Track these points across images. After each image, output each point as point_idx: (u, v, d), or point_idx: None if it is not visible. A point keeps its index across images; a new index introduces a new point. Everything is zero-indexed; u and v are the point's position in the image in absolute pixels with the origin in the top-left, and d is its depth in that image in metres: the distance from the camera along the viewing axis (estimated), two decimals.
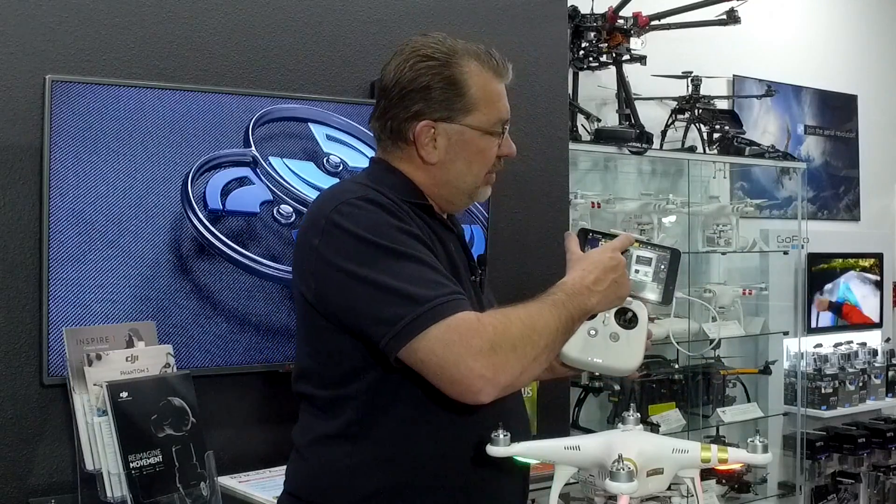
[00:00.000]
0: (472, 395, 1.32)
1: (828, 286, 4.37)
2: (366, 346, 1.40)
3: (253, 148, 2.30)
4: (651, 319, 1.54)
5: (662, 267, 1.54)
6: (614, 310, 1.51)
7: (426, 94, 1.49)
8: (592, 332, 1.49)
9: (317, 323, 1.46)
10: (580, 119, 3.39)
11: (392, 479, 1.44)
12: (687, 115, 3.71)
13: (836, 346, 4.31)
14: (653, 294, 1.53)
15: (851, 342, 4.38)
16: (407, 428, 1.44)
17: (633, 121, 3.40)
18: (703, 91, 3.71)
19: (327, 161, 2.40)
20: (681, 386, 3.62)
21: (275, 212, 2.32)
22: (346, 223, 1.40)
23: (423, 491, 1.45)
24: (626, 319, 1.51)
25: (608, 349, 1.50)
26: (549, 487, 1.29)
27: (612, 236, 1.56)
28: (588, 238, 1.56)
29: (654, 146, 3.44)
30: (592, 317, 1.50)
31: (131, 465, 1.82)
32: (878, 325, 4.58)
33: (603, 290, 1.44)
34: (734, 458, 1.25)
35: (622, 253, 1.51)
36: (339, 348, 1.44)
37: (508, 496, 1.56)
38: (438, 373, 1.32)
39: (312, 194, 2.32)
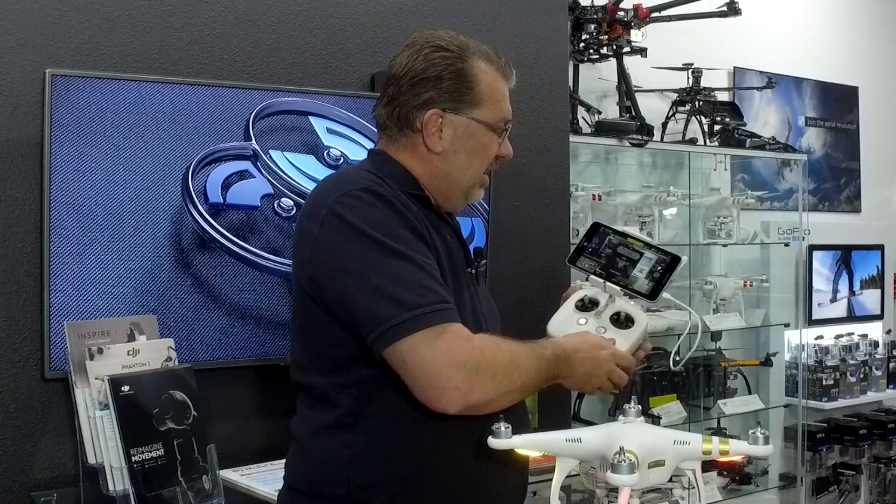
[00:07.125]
0: (442, 404, 1.35)
1: None
2: (356, 337, 1.42)
3: (253, 141, 2.29)
4: (655, 310, 1.59)
5: (660, 268, 1.63)
6: (610, 310, 1.59)
7: (438, 83, 1.51)
8: (582, 321, 1.58)
9: (312, 311, 1.46)
10: (581, 111, 3.39)
11: (391, 471, 1.44)
12: (687, 107, 3.71)
13: (837, 337, 4.30)
14: (642, 288, 1.62)
15: (853, 334, 4.37)
16: (404, 418, 1.44)
17: (633, 113, 3.39)
18: (703, 83, 3.71)
19: (328, 154, 2.40)
20: (682, 378, 3.63)
21: (275, 205, 2.32)
22: (348, 215, 1.41)
23: (423, 484, 1.46)
24: (619, 321, 1.59)
25: None
26: (551, 480, 1.29)
27: (624, 234, 1.66)
28: (598, 232, 1.62)
29: (654, 138, 3.43)
30: (589, 310, 1.59)
31: (133, 458, 1.83)
32: (880, 317, 4.58)
33: (581, 371, 1.50)
34: (735, 449, 1.25)
35: (629, 250, 1.61)
36: (333, 337, 1.45)
37: (508, 488, 1.56)
38: (417, 374, 1.35)
39: (313, 188, 2.31)
